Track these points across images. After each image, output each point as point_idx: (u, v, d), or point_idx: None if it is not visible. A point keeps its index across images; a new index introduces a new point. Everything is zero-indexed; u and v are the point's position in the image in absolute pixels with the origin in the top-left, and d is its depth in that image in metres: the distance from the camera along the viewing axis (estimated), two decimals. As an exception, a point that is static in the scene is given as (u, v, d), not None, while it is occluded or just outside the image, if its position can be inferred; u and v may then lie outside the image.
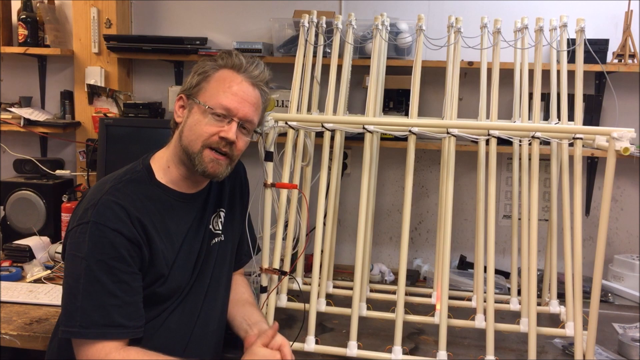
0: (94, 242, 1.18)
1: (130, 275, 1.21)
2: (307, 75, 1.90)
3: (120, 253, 1.19)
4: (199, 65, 1.33)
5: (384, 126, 1.61)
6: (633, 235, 2.32)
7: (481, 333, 1.63)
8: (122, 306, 1.19)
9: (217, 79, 1.30)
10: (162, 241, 1.27)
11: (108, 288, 1.18)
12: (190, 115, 1.30)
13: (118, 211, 1.21)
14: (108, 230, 1.19)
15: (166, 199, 1.32)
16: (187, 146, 1.29)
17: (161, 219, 1.28)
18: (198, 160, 1.28)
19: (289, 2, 2.38)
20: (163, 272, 1.27)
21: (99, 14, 2.46)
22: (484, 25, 1.83)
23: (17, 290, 1.84)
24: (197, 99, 1.29)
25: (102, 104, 2.49)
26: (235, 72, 1.30)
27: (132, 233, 1.21)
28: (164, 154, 1.36)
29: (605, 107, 2.22)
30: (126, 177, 1.29)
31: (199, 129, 1.28)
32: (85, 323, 1.16)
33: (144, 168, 1.33)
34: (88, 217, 1.20)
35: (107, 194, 1.23)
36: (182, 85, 1.36)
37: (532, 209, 1.56)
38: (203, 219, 1.39)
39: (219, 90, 1.28)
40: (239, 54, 1.32)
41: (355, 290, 1.59)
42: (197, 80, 1.31)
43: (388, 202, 2.44)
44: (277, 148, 1.61)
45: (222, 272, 1.44)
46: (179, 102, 1.34)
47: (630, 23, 2.11)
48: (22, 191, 2.32)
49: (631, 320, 1.86)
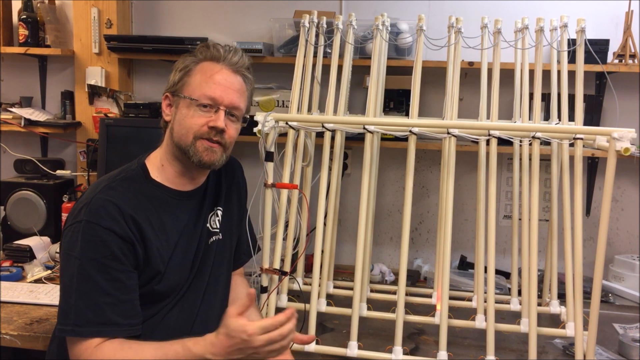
0: (86, 240, 1.19)
1: (124, 273, 1.21)
2: (308, 75, 1.90)
3: (113, 251, 1.19)
4: (179, 61, 1.36)
5: (385, 126, 1.61)
6: (633, 236, 2.32)
7: (481, 333, 1.63)
8: (117, 304, 1.19)
9: (198, 71, 1.32)
10: (157, 238, 1.27)
11: (101, 286, 1.18)
12: (177, 111, 1.32)
13: (111, 209, 1.21)
14: (100, 228, 1.19)
15: (162, 196, 1.32)
16: (179, 141, 1.30)
17: (157, 216, 1.29)
18: (192, 151, 1.29)
19: (290, 2, 2.38)
20: (159, 269, 1.27)
21: (99, 14, 2.46)
22: (485, 26, 1.83)
23: (18, 290, 1.84)
24: (182, 94, 1.31)
25: (103, 104, 2.49)
26: (215, 63, 1.32)
27: (125, 231, 1.21)
28: (158, 153, 1.37)
29: (605, 107, 2.22)
30: (120, 176, 1.30)
31: (187, 122, 1.29)
32: (80, 321, 1.17)
33: (139, 167, 1.34)
34: (81, 216, 1.20)
35: (101, 193, 1.24)
36: (167, 85, 1.37)
37: (532, 209, 1.56)
38: (200, 216, 1.39)
39: (202, 81, 1.30)
40: (217, 44, 1.34)
41: (355, 290, 1.59)
42: (180, 76, 1.33)
43: (388, 202, 2.44)
44: (277, 148, 1.61)
45: (221, 271, 1.44)
46: (165, 101, 1.36)
47: (630, 23, 2.10)
48: (22, 191, 2.32)
49: (631, 320, 1.86)
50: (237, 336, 1.12)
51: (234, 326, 1.13)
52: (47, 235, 2.25)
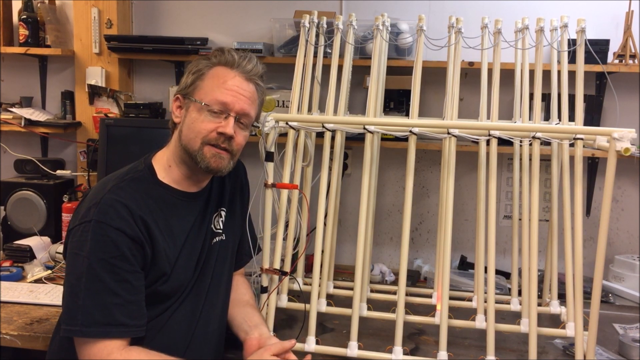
0: (96, 240, 1.18)
1: (132, 274, 1.21)
2: (308, 75, 1.90)
3: (123, 252, 1.19)
4: (193, 64, 1.35)
5: (385, 126, 1.61)
6: (634, 236, 2.31)
7: (482, 333, 1.63)
8: (124, 305, 1.19)
9: (211, 76, 1.31)
10: (164, 240, 1.27)
11: (110, 287, 1.18)
12: (187, 114, 1.32)
13: (120, 209, 1.21)
14: (110, 228, 1.19)
15: (169, 197, 1.32)
16: (186, 145, 1.30)
17: (164, 218, 1.29)
18: (200, 157, 1.29)
19: (290, 2, 2.38)
20: (165, 270, 1.27)
21: (99, 14, 2.46)
22: (485, 26, 1.83)
23: (18, 290, 1.84)
24: (193, 97, 1.31)
25: (103, 104, 2.49)
26: (228, 69, 1.32)
27: (135, 232, 1.21)
28: (165, 154, 1.37)
29: (605, 107, 2.22)
30: (128, 176, 1.30)
31: (196, 126, 1.29)
32: (87, 322, 1.16)
33: (146, 167, 1.34)
34: (90, 215, 1.20)
35: (110, 193, 1.23)
36: (178, 86, 1.37)
37: (532, 209, 1.56)
38: (205, 217, 1.39)
39: (214, 86, 1.30)
40: (232, 50, 1.34)
41: (355, 290, 1.59)
42: (192, 79, 1.32)
43: (388, 203, 2.44)
44: (277, 148, 1.61)
45: (223, 272, 1.44)
46: (175, 102, 1.36)
47: (630, 23, 2.10)
48: (22, 191, 2.32)
49: (632, 320, 1.86)
50: None
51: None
52: (47, 235, 2.25)
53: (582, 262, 1.50)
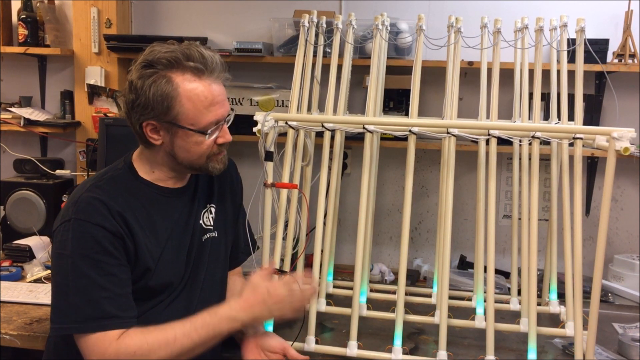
0: (77, 238, 1.19)
1: (117, 267, 1.22)
2: (307, 75, 1.90)
3: (105, 246, 1.20)
4: (144, 84, 1.21)
5: (384, 126, 1.61)
6: (633, 235, 2.32)
7: (481, 333, 1.63)
8: (114, 298, 1.20)
9: (187, 97, 1.22)
10: (145, 235, 1.27)
11: (97, 282, 1.19)
12: (176, 139, 1.26)
13: (98, 206, 1.22)
14: (90, 225, 1.20)
15: (151, 193, 1.32)
16: (190, 164, 1.31)
17: (146, 214, 1.29)
18: (210, 168, 1.32)
19: (289, 2, 2.38)
20: (149, 266, 1.27)
21: (99, 13, 2.46)
22: (484, 25, 1.83)
23: (17, 290, 1.84)
24: (180, 124, 1.24)
25: (102, 104, 2.49)
26: (197, 79, 1.23)
27: (114, 226, 1.22)
28: (145, 160, 1.34)
29: (605, 107, 2.22)
30: (107, 175, 1.31)
31: (199, 149, 1.28)
32: (80, 318, 1.18)
33: (126, 165, 1.34)
34: (70, 214, 1.21)
35: (87, 191, 1.24)
36: (137, 109, 1.23)
37: (532, 208, 1.56)
38: (191, 213, 1.38)
39: (200, 109, 1.23)
40: (181, 60, 1.23)
41: (355, 290, 1.59)
42: (165, 105, 1.22)
43: (388, 202, 2.44)
44: (277, 148, 1.61)
45: (217, 269, 1.44)
46: (148, 127, 1.25)
47: (630, 23, 2.11)
48: (22, 191, 2.32)
49: (631, 320, 1.86)
50: (261, 288, 1.27)
51: (258, 280, 1.29)
52: (47, 235, 2.25)
53: (581, 261, 1.50)
